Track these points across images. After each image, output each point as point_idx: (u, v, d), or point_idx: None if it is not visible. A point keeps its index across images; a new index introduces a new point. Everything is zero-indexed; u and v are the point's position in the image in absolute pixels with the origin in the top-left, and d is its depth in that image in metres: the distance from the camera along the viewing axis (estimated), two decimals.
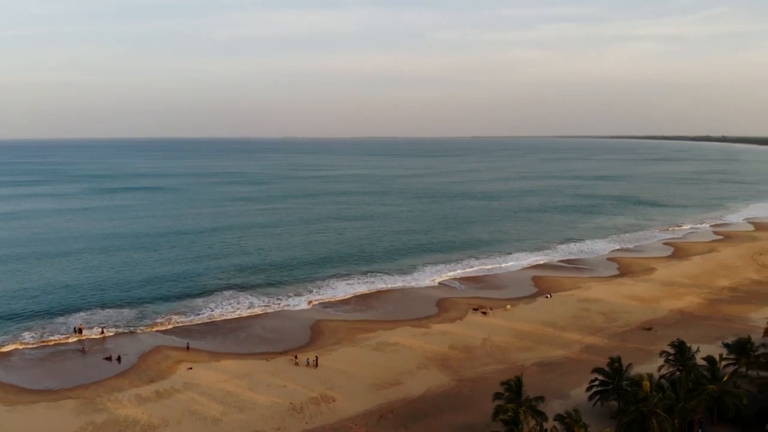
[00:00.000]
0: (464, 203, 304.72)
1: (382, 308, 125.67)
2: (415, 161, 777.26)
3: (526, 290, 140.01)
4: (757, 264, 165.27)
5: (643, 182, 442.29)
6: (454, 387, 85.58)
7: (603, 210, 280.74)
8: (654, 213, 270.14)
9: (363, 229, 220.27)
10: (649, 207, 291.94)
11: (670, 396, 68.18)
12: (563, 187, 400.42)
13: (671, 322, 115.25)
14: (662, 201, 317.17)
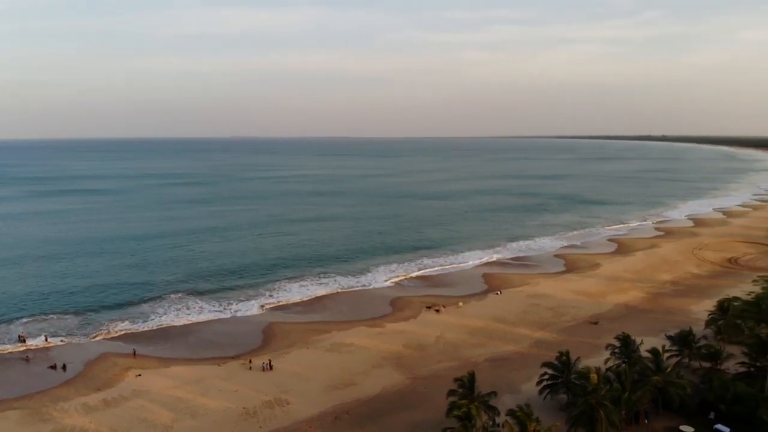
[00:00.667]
0: (416, 203, 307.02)
1: (336, 309, 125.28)
2: (366, 161, 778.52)
3: (477, 287, 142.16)
4: (697, 258, 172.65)
5: (587, 181, 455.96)
6: (408, 385, 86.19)
7: (549, 208, 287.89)
8: (598, 210, 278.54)
9: (315, 230, 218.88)
10: (593, 205, 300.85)
11: (617, 388, 70.49)
12: (512, 186, 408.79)
13: (616, 316, 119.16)
14: (606, 199, 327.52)
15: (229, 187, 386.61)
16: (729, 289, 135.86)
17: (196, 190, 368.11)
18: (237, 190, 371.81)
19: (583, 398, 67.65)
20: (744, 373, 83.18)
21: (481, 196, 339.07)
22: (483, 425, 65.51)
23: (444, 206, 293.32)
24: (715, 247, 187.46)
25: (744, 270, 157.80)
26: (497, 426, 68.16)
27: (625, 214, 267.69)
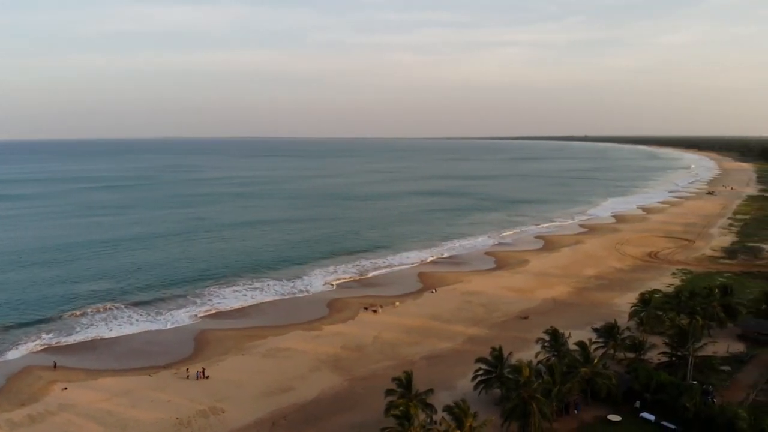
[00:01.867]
0: (350, 204, 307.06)
1: (271, 314, 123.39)
2: (299, 162, 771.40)
3: (413, 286, 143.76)
4: (619, 253, 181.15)
5: (515, 181, 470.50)
6: (346, 387, 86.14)
7: (480, 207, 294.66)
8: (526, 209, 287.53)
9: (248, 234, 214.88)
10: (521, 204, 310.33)
11: (548, 380, 73.09)
12: (443, 186, 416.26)
13: (545, 311, 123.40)
14: (533, 198, 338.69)
15: (155, 191, 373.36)
16: (650, 282, 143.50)
17: (120, 194, 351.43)
18: (164, 193, 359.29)
19: (515, 392, 69.75)
20: (666, 363, 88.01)
21: (414, 197, 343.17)
22: (421, 423, 66.33)
23: (378, 207, 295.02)
24: (636, 242, 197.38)
25: (663, 263, 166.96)
26: (435, 423, 69.17)
27: (551, 212, 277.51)
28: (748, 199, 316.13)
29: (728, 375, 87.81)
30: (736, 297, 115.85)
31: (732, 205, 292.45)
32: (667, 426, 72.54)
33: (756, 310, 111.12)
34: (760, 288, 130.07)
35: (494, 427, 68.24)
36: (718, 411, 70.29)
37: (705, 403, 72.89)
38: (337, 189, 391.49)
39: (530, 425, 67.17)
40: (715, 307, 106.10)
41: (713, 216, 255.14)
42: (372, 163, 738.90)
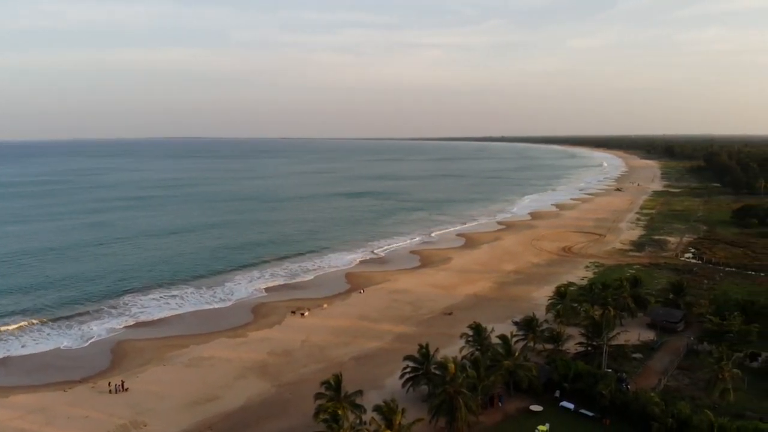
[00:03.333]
0: (276, 206, 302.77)
1: (193, 322, 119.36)
2: (223, 163, 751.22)
3: (340, 287, 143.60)
4: (536, 249, 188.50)
5: (437, 180, 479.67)
6: (274, 393, 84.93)
7: (405, 207, 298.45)
8: (448, 208, 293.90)
9: (167, 240, 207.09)
10: (444, 203, 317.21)
11: (473, 374, 75.03)
12: (369, 187, 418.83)
13: (468, 306, 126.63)
14: (455, 197, 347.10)
15: (66, 197, 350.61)
16: (565, 275, 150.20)
17: (26, 202, 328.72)
18: (76, 199, 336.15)
19: (442, 388, 71.07)
20: (582, 353, 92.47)
21: (340, 198, 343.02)
22: (350, 425, 66.40)
23: (305, 209, 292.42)
24: (551, 238, 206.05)
25: (577, 257, 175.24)
26: (364, 424, 69.42)
27: (471, 210, 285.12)
28: (654, 195, 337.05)
29: (640, 362, 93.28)
30: (645, 288, 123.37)
31: (639, 200, 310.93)
32: (586, 413, 76.25)
33: (664, 300, 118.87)
34: (667, 278, 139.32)
35: (423, 424, 69.29)
36: (632, 397, 74.52)
37: (620, 390, 77.01)
38: (263, 191, 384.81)
39: (457, 420, 68.72)
40: (625, 298, 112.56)
41: (622, 211, 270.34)
42: (299, 164, 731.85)
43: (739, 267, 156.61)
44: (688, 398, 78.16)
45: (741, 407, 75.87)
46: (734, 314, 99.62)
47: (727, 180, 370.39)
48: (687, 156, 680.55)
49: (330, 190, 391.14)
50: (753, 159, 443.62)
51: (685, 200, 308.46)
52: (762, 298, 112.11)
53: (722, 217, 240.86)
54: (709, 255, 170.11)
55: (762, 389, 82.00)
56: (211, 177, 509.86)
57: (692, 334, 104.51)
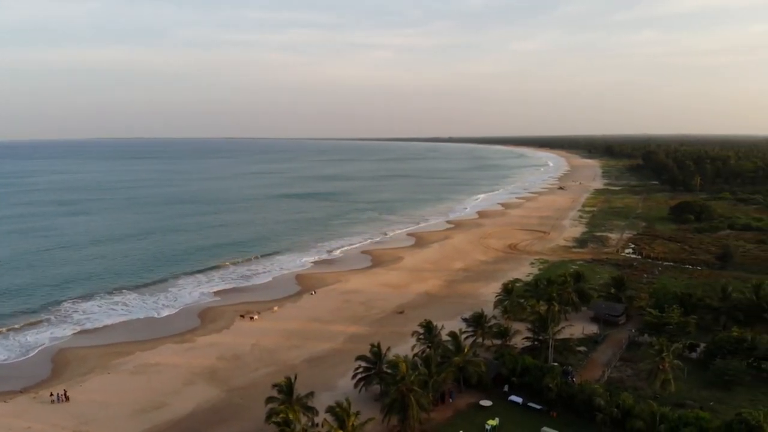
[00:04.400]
0: (222, 208, 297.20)
1: (138, 328, 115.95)
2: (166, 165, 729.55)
3: (291, 290, 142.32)
4: (483, 247, 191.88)
5: (389, 181, 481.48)
6: (224, 398, 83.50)
7: (356, 208, 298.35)
8: (399, 208, 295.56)
9: (109, 245, 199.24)
10: (394, 203, 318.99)
11: (424, 372, 75.82)
12: (321, 188, 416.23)
13: (419, 304, 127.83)
14: (405, 197, 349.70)
15: None
16: (511, 272, 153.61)
17: None
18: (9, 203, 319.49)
19: (394, 386, 71.51)
20: (529, 347, 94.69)
21: (289, 200, 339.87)
22: (302, 427, 66.08)
23: (253, 211, 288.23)
24: (498, 236, 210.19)
25: (522, 254, 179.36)
26: (317, 426, 69.20)
27: (421, 210, 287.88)
28: (595, 193, 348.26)
29: (585, 355, 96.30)
30: (588, 283, 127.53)
31: (581, 198, 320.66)
32: (533, 407, 78.20)
33: (606, 294, 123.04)
34: (608, 273, 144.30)
35: (375, 423, 69.59)
36: (578, 389, 76.88)
37: (566, 383, 79.31)
38: (209, 193, 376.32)
39: (409, 417, 69.29)
40: (569, 293, 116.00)
41: (565, 209, 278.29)
42: (247, 165, 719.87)
43: (677, 261, 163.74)
44: (631, 389, 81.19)
45: (681, 396, 79.29)
46: (673, 307, 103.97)
47: (665, 178, 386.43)
48: (626, 155, 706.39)
49: (279, 191, 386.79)
50: (688, 157, 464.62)
51: (625, 198, 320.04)
52: (699, 291, 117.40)
53: (660, 214, 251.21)
54: (648, 250, 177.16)
55: (701, 379, 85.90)
56: (155, 179, 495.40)
57: (633, 326, 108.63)
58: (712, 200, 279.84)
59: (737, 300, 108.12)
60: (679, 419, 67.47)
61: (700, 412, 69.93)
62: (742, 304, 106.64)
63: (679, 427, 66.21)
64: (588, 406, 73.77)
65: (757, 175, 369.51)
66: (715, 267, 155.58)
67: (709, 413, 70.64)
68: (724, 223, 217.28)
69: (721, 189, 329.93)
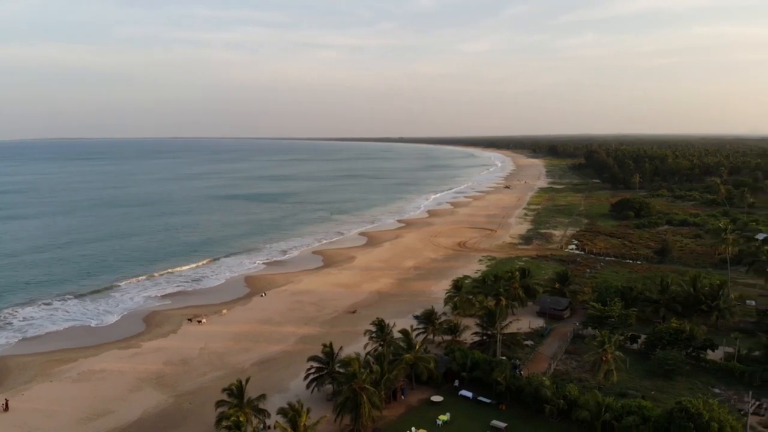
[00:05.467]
0: (169, 209, 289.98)
1: (81, 334, 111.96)
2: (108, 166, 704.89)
3: (240, 292, 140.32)
4: (434, 245, 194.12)
5: (339, 181, 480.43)
6: (172, 404, 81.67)
7: (306, 209, 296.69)
8: (350, 208, 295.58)
9: (49, 250, 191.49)
10: (346, 203, 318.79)
11: (377, 370, 76.16)
12: (270, 189, 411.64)
13: (372, 303, 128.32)
14: (357, 197, 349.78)
15: None
16: (461, 269, 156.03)
17: None
18: None
19: (347, 385, 71.63)
20: (478, 342, 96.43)
21: (239, 200, 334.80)
22: (254, 430, 65.39)
23: (200, 212, 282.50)
24: (448, 234, 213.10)
25: (471, 252, 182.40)
26: (268, 428, 68.55)
27: (373, 209, 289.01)
28: (540, 191, 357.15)
29: (531, 349, 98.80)
30: (534, 278, 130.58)
31: (526, 197, 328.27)
32: (483, 400, 79.75)
33: (551, 289, 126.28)
34: (553, 269, 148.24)
35: (328, 423, 69.54)
36: (526, 382, 78.76)
37: (514, 376, 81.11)
38: (155, 194, 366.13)
39: (361, 416, 69.50)
40: (516, 288, 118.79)
41: (511, 207, 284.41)
42: (195, 165, 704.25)
43: (618, 256, 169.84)
44: (576, 380, 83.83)
45: (624, 386, 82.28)
46: (614, 300, 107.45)
47: (606, 176, 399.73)
48: (569, 154, 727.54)
49: (228, 192, 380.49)
50: (628, 156, 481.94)
51: (568, 196, 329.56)
52: (639, 285, 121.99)
53: (601, 211, 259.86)
54: (591, 246, 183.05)
55: (642, 369, 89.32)
56: (100, 180, 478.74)
57: (577, 320, 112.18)
58: (651, 197, 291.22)
59: (675, 293, 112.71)
60: (622, 408, 69.98)
61: (642, 401, 72.69)
62: (680, 297, 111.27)
63: (622, 415, 68.73)
64: (536, 398, 75.73)
65: (693, 173, 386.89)
66: (654, 261, 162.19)
67: (651, 402, 73.66)
68: (662, 219, 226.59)
69: (660, 186, 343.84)
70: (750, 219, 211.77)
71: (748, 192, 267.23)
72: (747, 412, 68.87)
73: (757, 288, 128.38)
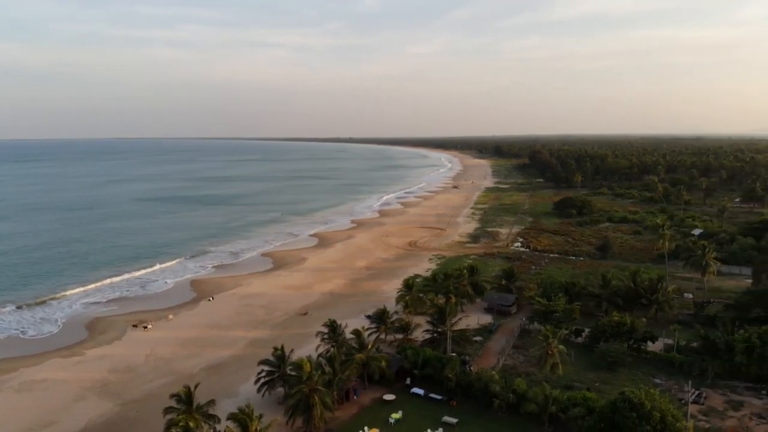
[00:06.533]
0: (112, 213, 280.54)
1: (19, 343, 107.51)
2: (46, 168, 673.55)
3: (186, 296, 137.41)
4: (385, 245, 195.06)
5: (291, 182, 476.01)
6: (118, 412, 79.38)
7: (255, 210, 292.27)
8: (301, 209, 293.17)
9: None
10: (297, 204, 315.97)
11: (329, 371, 76.14)
12: (215, 190, 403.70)
13: (323, 304, 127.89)
14: (307, 198, 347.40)
15: None
16: (412, 268, 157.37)
17: None
18: None
19: (298, 388, 71.27)
20: (429, 339, 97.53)
21: (185, 203, 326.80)
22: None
23: (145, 215, 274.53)
24: (399, 234, 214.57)
25: (422, 251, 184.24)
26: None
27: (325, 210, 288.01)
28: (486, 191, 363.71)
29: (480, 345, 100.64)
30: (482, 276, 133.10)
31: (473, 196, 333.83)
32: (435, 397, 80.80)
33: (498, 286, 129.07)
34: (500, 266, 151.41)
35: (279, 426, 69.04)
36: (475, 377, 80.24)
37: (464, 372, 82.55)
38: (98, 198, 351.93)
39: (313, 417, 69.32)
40: (465, 286, 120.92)
41: (459, 207, 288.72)
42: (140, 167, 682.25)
43: (561, 253, 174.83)
44: (524, 374, 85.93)
45: (569, 379, 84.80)
46: (559, 295, 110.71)
47: (549, 175, 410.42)
48: (514, 155, 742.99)
49: (175, 194, 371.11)
50: (570, 156, 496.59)
51: (513, 195, 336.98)
52: (582, 280, 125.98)
53: (545, 209, 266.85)
54: (535, 243, 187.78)
55: (586, 362, 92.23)
56: (39, 184, 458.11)
57: (524, 315, 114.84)
58: (592, 196, 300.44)
59: (616, 287, 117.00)
60: (568, 400, 72.28)
61: (586, 392, 75.14)
62: (621, 291, 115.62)
63: (568, 407, 70.96)
64: (485, 393, 77.25)
65: (632, 172, 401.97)
66: (595, 257, 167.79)
67: (595, 393, 76.16)
68: (603, 217, 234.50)
69: (600, 185, 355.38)
70: (686, 216, 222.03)
71: (684, 190, 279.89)
72: (687, 401, 71.95)
73: (694, 282, 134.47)
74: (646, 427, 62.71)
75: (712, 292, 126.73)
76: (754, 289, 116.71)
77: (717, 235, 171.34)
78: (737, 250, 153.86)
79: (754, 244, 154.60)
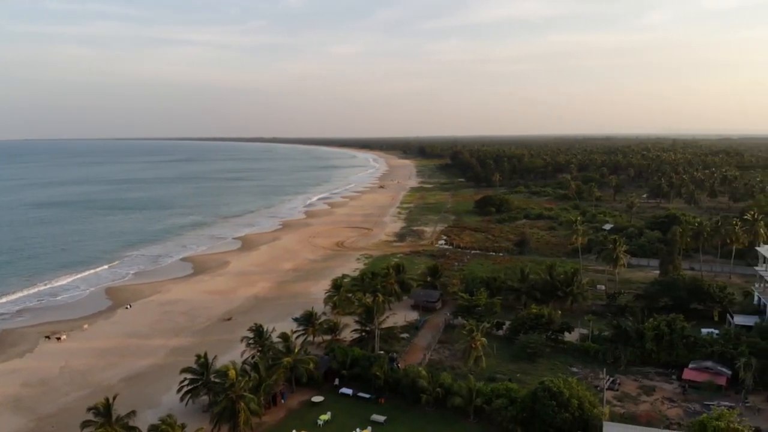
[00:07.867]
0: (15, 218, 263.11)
1: None
2: None
3: (102, 305, 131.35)
4: (312, 246, 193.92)
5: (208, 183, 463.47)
6: (33, 428, 75.03)
7: (176, 213, 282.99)
8: (223, 211, 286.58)
9: None
10: (218, 207, 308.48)
11: (255, 377, 75.04)
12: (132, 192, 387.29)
13: (248, 309, 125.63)
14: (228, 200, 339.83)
15: None
16: (339, 268, 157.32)
17: None
18: None
19: (223, 395, 69.82)
20: (358, 339, 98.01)
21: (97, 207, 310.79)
22: None
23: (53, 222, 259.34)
24: (325, 234, 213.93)
25: (349, 251, 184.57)
26: None
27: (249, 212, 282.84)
28: (411, 191, 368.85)
29: (407, 341, 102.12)
30: (408, 273, 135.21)
31: (399, 196, 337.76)
32: (363, 396, 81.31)
33: (423, 283, 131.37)
34: (425, 263, 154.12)
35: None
36: (403, 374, 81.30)
37: (391, 369, 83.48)
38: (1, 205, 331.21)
39: (239, 424, 68.12)
40: (392, 284, 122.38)
41: (385, 206, 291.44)
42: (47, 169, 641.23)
43: (482, 249, 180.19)
44: (450, 368, 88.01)
45: (492, 371, 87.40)
46: (480, 290, 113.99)
47: (470, 175, 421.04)
48: (437, 155, 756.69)
49: (85, 197, 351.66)
50: (489, 156, 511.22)
51: (437, 194, 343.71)
52: (502, 275, 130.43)
53: (467, 208, 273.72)
54: (458, 241, 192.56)
55: (508, 353, 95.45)
56: None
57: (448, 310, 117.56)
58: (510, 194, 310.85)
59: (534, 281, 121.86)
60: (491, 392, 74.58)
61: (509, 383, 77.74)
62: (538, 284, 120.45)
63: (492, 399, 73.24)
64: (413, 389, 78.47)
65: (547, 171, 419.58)
66: (514, 252, 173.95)
67: (517, 384, 79.01)
68: (520, 214, 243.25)
69: (518, 184, 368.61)
70: (598, 211, 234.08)
71: (595, 187, 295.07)
72: (602, 388, 75.90)
73: (606, 274, 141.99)
74: (565, 414, 65.98)
75: (623, 284, 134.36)
76: (661, 279, 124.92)
77: (626, 230, 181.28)
78: (645, 243, 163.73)
79: (661, 237, 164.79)
